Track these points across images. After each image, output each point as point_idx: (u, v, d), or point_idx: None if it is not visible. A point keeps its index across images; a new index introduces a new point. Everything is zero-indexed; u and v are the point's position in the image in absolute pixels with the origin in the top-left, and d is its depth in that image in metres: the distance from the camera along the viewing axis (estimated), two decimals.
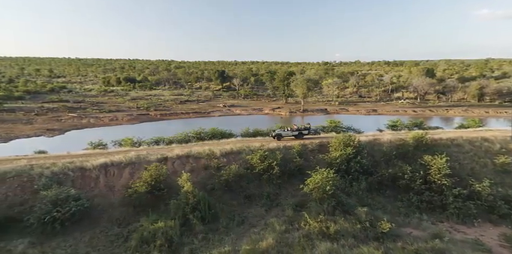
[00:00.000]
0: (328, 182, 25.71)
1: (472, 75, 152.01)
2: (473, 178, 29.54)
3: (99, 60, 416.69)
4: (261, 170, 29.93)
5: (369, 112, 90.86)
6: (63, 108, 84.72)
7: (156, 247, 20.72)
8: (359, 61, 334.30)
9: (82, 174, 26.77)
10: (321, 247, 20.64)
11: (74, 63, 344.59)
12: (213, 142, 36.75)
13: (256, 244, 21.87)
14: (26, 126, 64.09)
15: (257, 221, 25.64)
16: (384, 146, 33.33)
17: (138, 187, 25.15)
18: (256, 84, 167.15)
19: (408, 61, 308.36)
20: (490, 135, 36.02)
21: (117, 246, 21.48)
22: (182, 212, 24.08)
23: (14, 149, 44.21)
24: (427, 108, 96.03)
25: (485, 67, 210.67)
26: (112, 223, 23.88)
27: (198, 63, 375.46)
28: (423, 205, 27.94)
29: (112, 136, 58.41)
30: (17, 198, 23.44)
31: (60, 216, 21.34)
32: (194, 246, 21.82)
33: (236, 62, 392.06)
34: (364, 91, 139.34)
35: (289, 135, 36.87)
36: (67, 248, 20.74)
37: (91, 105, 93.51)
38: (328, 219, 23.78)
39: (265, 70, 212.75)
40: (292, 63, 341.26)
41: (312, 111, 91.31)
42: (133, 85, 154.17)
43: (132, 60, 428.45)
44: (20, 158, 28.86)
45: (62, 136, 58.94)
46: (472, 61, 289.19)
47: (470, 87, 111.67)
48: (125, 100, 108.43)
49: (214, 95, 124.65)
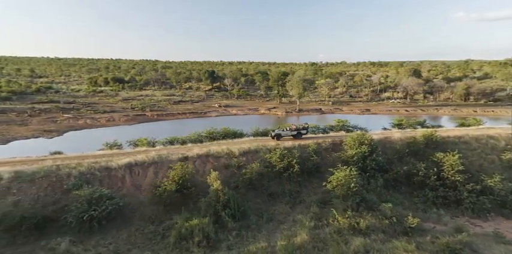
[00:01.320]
0: (352, 179, 26.56)
1: (456, 76, 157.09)
2: (483, 174, 30.97)
3: (80, 60, 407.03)
4: (281, 168, 30.50)
5: (362, 111, 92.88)
6: (56, 109, 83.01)
7: (195, 243, 21.17)
8: (345, 62, 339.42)
9: (108, 173, 26.90)
10: (355, 242, 21.44)
11: (55, 62, 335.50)
12: (227, 142, 37.10)
13: (290, 239, 22.52)
14: (21, 127, 62.63)
15: (284, 218, 26.22)
16: (397, 144, 34.41)
17: (167, 186, 25.38)
18: (247, 84, 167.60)
19: (393, 62, 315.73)
20: (494, 132, 37.73)
21: (155, 243, 21.84)
22: (213, 210, 24.44)
23: (17, 151, 43.36)
24: (418, 108, 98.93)
25: (467, 68, 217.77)
26: (145, 221, 24.18)
27: (185, 63, 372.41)
28: (438, 200, 28.95)
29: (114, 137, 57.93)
30: (48, 198, 23.48)
31: (97, 215, 21.61)
32: (230, 242, 22.28)
33: (223, 62, 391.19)
34: (353, 91, 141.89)
35: (288, 134, 37.27)
36: (107, 245, 21.04)
37: (84, 106, 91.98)
38: (356, 215, 24.66)
39: (254, 70, 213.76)
40: (279, 64, 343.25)
41: (307, 111, 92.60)
42: (122, 85, 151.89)
43: (115, 60, 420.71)
44: (45, 158, 28.60)
45: (61, 138, 57.93)
46: (452, 62, 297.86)
47: (456, 87, 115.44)
48: (117, 100, 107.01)
49: (207, 95, 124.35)
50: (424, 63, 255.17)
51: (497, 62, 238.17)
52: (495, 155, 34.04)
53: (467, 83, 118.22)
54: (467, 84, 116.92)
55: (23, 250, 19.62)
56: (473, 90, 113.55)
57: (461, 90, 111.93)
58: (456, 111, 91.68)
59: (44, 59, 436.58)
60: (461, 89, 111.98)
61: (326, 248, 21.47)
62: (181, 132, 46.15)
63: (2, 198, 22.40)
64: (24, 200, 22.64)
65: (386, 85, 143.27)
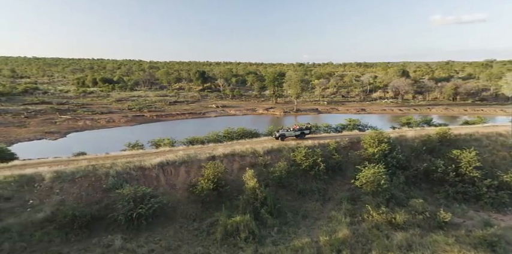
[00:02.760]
0: (381, 176, 27.51)
1: (442, 76, 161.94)
2: (498, 170, 32.49)
3: (59, 60, 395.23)
4: (307, 167, 31.09)
5: (358, 111, 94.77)
6: (51, 110, 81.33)
7: (242, 239, 21.78)
8: (331, 62, 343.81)
9: (143, 173, 27.14)
10: (397, 237, 22.37)
11: (34, 62, 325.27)
12: (246, 141, 37.52)
13: (331, 235, 23.24)
14: (20, 129, 61.22)
15: (318, 214, 26.95)
16: (415, 142, 35.59)
17: (204, 185, 25.70)
18: (238, 84, 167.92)
19: (378, 63, 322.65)
20: (503, 130, 39.49)
21: (203, 239, 22.34)
22: (252, 207, 24.93)
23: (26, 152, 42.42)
24: (411, 107, 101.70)
25: (451, 69, 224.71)
26: (186, 218, 24.67)
27: (171, 63, 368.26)
28: (459, 196, 30.07)
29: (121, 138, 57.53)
30: (90, 197, 23.74)
31: (144, 212, 21.99)
32: (273, 238, 22.97)
33: (209, 63, 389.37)
34: (343, 91, 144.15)
35: (292, 135, 37.32)
36: (158, 242, 21.53)
37: (78, 107, 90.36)
38: (389, 211, 25.60)
39: (244, 71, 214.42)
40: (267, 64, 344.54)
41: (304, 111, 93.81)
42: (112, 86, 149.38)
43: (98, 60, 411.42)
44: (76, 159, 28.46)
45: (65, 139, 56.96)
46: (433, 63, 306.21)
47: (445, 87, 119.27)
48: (111, 101, 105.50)
49: (201, 96, 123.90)
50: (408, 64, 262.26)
51: (479, 63, 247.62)
52: (505, 152, 35.70)
53: (456, 83, 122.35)
54: (455, 84, 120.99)
55: (78, 247, 19.98)
56: (461, 90, 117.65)
57: (450, 90, 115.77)
58: (448, 110, 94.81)
59: (22, 58, 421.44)
60: (450, 89, 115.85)
61: (369, 243, 22.31)
62: (185, 133, 46.58)
63: (47, 198, 22.62)
64: (68, 199, 22.87)
65: (376, 86, 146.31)
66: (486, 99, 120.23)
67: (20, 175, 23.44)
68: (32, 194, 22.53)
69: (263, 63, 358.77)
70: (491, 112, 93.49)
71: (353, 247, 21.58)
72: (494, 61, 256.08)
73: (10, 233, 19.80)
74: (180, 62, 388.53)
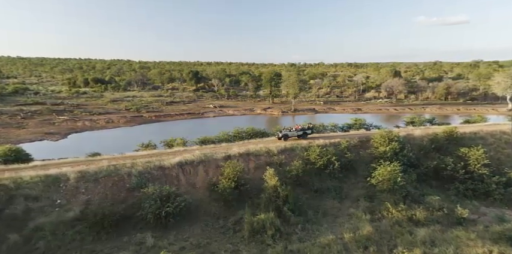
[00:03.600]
0: (397, 174, 28.11)
1: (432, 77, 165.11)
2: (504, 167, 33.47)
3: (45, 59, 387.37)
4: (322, 165, 31.52)
5: (354, 111, 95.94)
6: (48, 111, 80.00)
7: (269, 236, 22.09)
8: (323, 63, 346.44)
9: (163, 172, 27.36)
10: (420, 233, 22.95)
11: (19, 62, 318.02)
12: (257, 141, 37.81)
13: (355, 232, 23.69)
14: (19, 130, 60.24)
15: (337, 212, 27.41)
16: (424, 140, 36.38)
17: (225, 184, 25.97)
18: (231, 84, 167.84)
19: (369, 63, 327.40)
20: (506, 128, 40.65)
21: (230, 237, 22.68)
22: (275, 205, 25.21)
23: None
24: (405, 107, 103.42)
25: (440, 69, 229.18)
26: (210, 216, 25.01)
27: (160, 63, 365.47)
28: (469, 192, 30.82)
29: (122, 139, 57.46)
30: (115, 196, 23.95)
31: (172, 211, 22.29)
32: (298, 235, 23.36)
33: (200, 63, 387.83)
34: (337, 91, 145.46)
35: (295, 135, 37.38)
36: (187, 239, 21.88)
37: (74, 108, 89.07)
38: (408, 208, 26.19)
39: (237, 71, 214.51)
40: (259, 64, 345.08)
41: (302, 111, 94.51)
42: (105, 86, 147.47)
43: (85, 60, 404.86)
44: (95, 159, 28.48)
45: (67, 140, 56.27)
46: (421, 63, 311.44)
47: (438, 87, 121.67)
48: (106, 102, 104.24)
49: (196, 96, 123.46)
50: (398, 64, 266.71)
51: (467, 64, 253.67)
52: (510, 149, 36.80)
53: (448, 83, 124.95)
54: (447, 84, 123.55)
55: (111, 245, 20.25)
56: (453, 90, 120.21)
57: (442, 89, 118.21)
58: (441, 110, 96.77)
59: (5, 58, 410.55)
60: (442, 89, 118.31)
61: (393, 239, 22.82)
62: (187, 133, 46.68)
63: (73, 197, 22.83)
64: (94, 199, 23.11)
65: (368, 86, 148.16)
66: (476, 98, 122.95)
67: (46, 175, 23.56)
68: (59, 194, 22.68)
69: (255, 63, 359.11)
70: (483, 111, 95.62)
71: (378, 244, 22.01)
72: (481, 61, 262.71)
73: (43, 232, 20.00)
74: (170, 62, 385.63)
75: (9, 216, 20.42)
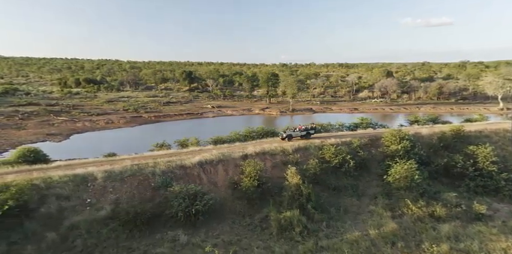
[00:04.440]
0: (414, 172, 28.73)
1: (423, 77, 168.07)
2: (510, 164, 34.51)
3: (30, 59, 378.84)
4: (337, 164, 31.99)
5: (351, 110, 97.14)
6: (45, 112, 78.73)
7: (297, 233, 22.54)
8: (314, 63, 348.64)
9: (185, 171, 27.58)
10: (444, 228, 23.60)
11: (3, 62, 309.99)
12: (269, 140, 38.05)
13: (379, 228, 24.19)
14: (19, 131, 59.23)
15: (357, 209, 27.91)
16: (433, 139, 37.20)
17: (247, 182, 26.31)
18: (225, 84, 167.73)
19: (359, 63, 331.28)
20: (509, 126, 41.85)
21: (258, 234, 23.05)
22: (298, 203, 25.55)
23: None
24: (401, 106, 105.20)
25: (430, 69, 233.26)
26: (236, 214, 25.36)
27: (151, 63, 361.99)
28: (479, 189, 31.56)
29: (127, 139, 57.01)
30: (142, 195, 24.12)
31: (200, 209, 22.57)
32: (325, 232, 23.81)
33: (191, 63, 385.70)
34: (330, 91, 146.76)
35: (298, 135, 37.39)
36: (217, 236, 22.26)
37: (70, 108, 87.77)
38: (427, 205, 26.82)
39: (230, 71, 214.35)
40: (250, 65, 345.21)
41: (300, 111, 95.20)
42: (98, 86, 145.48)
43: (72, 60, 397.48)
44: (121, 159, 28.64)
45: (70, 141, 55.52)
46: (409, 64, 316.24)
47: (431, 86, 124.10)
48: (101, 102, 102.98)
49: (192, 96, 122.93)
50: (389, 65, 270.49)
51: (456, 64, 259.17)
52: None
53: (440, 83, 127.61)
54: (439, 84, 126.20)
55: (146, 243, 20.55)
56: (445, 90, 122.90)
57: (434, 89, 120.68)
58: (435, 109, 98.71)
59: None
60: (435, 89, 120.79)
61: (417, 234, 23.41)
62: (190, 133, 46.72)
63: (102, 196, 23.02)
64: (122, 197, 23.27)
65: (361, 86, 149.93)
66: (467, 98, 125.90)
67: (74, 175, 23.68)
68: (88, 193, 22.84)
69: (246, 64, 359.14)
70: (475, 110, 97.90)
71: (404, 239, 22.54)
72: (467, 62, 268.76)
73: (79, 230, 20.27)
74: (160, 62, 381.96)
75: (44, 215, 20.60)
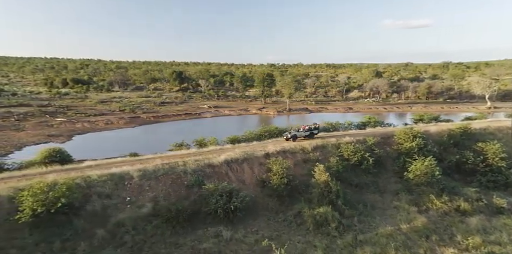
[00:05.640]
0: (435, 168, 29.70)
1: (410, 77, 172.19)
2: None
3: (7, 58, 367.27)
4: (357, 161, 32.71)
5: (346, 110, 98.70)
6: (40, 113, 76.87)
7: (333, 228, 23.15)
8: (301, 63, 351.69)
9: (213, 170, 27.95)
10: (473, 221, 24.57)
11: None
12: (283, 139, 38.33)
13: (409, 222, 24.97)
14: (18, 132, 57.76)
15: (382, 205, 28.72)
16: (444, 136, 38.41)
17: (276, 180, 26.82)
18: (216, 84, 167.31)
19: (346, 64, 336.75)
20: (509, 124, 43.64)
21: (295, 229, 23.60)
22: (328, 199, 26.06)
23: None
24: (393, 106, 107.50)
25: (416, 70, 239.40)
26: (268, 211, 25.85)
27: (137, 63, 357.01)
28: (490, 184, 32.82)
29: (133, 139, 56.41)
30: (177, 193, 24.50)
31: (238, 206, 23.07)
32: (358, 227, 24.38)
33: (178, 63, 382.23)
34: (321, 91, 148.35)
35: (303, 135, 37.48)
36: (258, 232, 22.81)
37: (64, 109, 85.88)
38: (450, 200, 27.78)
39: (219, 71, 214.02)
40: (238, 65, 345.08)
41: (296, 110, 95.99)
42: (87, 87, 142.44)
43: (52, 59, 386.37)
44: (151, 158, 28.82)
45: (73, 142, 54.33)
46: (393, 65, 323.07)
47: (420, 86, 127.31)
48: (94, 103, 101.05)
49: (186, 97, 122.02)
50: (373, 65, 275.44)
51: (439, 65, 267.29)
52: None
53: (429, 83, 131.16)
54: (428, 84, 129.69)
55: (191, 238, 21.05)
56: (434, 90, 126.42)
57: (424, 89, 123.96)
58: (427, 108, 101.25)
59: None
60: (424, 88, 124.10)
61: (447, 228, 24.27)
62: (195, 133, 46.94)
63: (140, 195, 23.37)
64: (159, 195, 23.64)
65: (351, 86, 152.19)
66: (454, 97, 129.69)
67: (111, 174, 23.91)
68: (127, 192, 23.19)
69: (234, 64, 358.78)
70: (464, 109, 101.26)
71: (436, 233, 23.35)
72: (450, 63, 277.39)
73: (125, 227, 20.73)
74: (146, 62, 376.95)
75: (90, 213, 21.00)
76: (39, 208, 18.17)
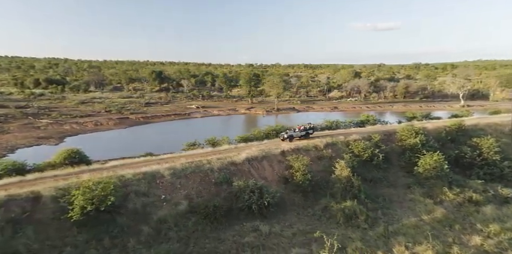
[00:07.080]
0: (443, 162, 31.36)
1: (386, 77, 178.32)
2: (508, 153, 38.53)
3: None
4: (368, 157, 33.94)
5: (332, 109, 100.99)
6: (21, 115, 73.56)
7: (362, 221, 24.21)
8: (279, 64, 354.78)
9: (236, 167, 28.55)
10: (488, 211, 26.19)
11: None
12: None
13: (429, 214, 26.31)
14: (3, 135, 55.10)
15: (398, 198, 30.06)
16: (442, 132, 40.47)
17: (299, 176, 27.70)
18: (197, 85, 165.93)
19: (323, 65, 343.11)
20: (498, 120, 46.63)
21: (325, 223, 24.56)
22: (351, 193, 27.03)
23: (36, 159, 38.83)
24: (375, 105, 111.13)
25: (390, 70, 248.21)
26: (296, 206, 26.83)
27: (109, 62, 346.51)
28: (487, 176, 34.94)
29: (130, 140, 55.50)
30: (207, 191, 25.10)
31: (271, 201, 23.90)
32: (383, 220, 25.48)
33: (153, 62, 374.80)
34: (302, 91, 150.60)
35: (299, 135, 37.46)
36: (292, 226, 23.57)
37: (46, 110, 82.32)
38: (461, 191, 29.40)
39: (198, 71, 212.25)
40: (216, 65, 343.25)
41: (284, 110, 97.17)
42: (62, 87, 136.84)
43: (15, 58, 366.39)
44: (175, 157, 28.81)
45: (66, 144, 52.06)
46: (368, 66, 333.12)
47: (398, 86, 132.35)
48: (75, 104, 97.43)
49: (170, 97, 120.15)
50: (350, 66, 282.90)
51: (412, 66, 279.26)
52: (507, 139, 42.38)
53: (406, 83, 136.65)
54: (406, 83, 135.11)
55: (232, 233, 21.68)
56: (411, 89, 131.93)
57: (401, 89, 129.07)
58: (406, 107, 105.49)
59: None
60: (402, 88, 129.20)
61: (465, 217, 25.78)
62: (190, 133, 47.05)
63: (173, 192, 23.88)
64: (191, 193, 24.22)
65: (330, 86, 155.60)
66: (428, 96, 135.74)
67: (143, 173, 24.11)
68: (160, 190, 23.58)
69: (211, 64, 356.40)
70: (441, 107, 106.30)
71: (457, 222, 24.71)
72: (420, 64, 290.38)
73: (168, 224, 21.25)
74: (118, 61, 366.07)
75: (131, 211, 21.41)
76: (89, 206, 18.31)
